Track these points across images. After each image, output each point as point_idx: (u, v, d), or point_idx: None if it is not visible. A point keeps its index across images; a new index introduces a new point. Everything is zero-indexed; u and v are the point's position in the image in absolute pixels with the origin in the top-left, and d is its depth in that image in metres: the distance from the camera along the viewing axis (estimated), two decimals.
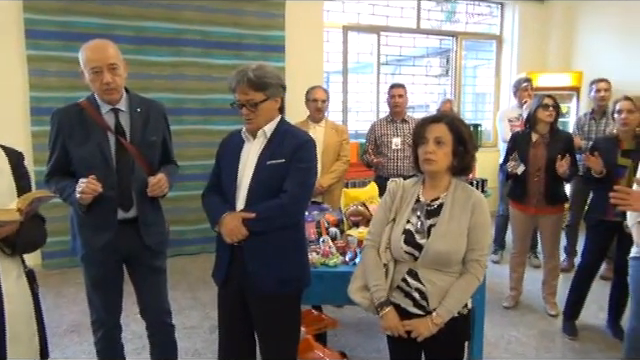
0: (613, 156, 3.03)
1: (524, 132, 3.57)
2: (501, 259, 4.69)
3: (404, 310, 1.78)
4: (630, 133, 3.01)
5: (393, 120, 4.06)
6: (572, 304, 3.31)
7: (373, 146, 4.05)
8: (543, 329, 3.37)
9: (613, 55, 5.84)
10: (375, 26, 5.97)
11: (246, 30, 4.92)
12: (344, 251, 2.53)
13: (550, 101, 3.38)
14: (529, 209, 3.51)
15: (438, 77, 6.78)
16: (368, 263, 1.88)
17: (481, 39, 6.79)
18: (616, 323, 3.25)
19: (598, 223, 3.14)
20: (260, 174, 1.90)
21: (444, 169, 1.79)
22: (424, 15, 6.30)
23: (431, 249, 1.73)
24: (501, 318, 3.52)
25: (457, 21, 6.71)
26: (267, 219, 1.86)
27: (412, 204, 1.84)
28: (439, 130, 1.77)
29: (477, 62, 7.09)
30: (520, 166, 3.41)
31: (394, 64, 6.50)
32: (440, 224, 1.75)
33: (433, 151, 1.76)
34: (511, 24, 6.62)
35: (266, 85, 1.89)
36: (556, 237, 3.59)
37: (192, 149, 4.70)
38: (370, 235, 1.94)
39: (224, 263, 1.98)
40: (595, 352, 3.05)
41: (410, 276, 1.77)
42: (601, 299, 3.42)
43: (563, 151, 3.31)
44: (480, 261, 1.75)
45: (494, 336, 3.25)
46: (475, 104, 7.07)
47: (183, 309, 3.61)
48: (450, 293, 1.73)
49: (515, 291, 3.74)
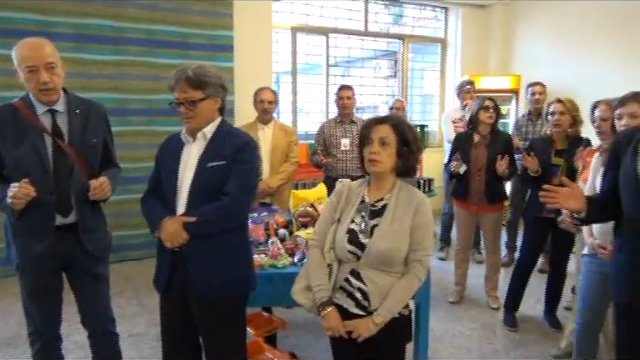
0: (547, 156, 3.20)
1: (466, 133, 3.70)
2: (447, 256, 4.84)
3: (346, 311, 1.79)
4: (562, 134, 3.18)
5: (342, 121, 4.11)
6: (512, 297, 3.46)
7: (322, 147, 4.08)
8: (486, 322, 3.51)
9: (548, 60, 6.16)
10: (324, 28, 6.02)
11: (192, 29, 4.83)
12: (293, 252, 2.53)
13: (490, 103, 3.53)
14: (471, 207, 3.65)
15: (387, 79, 6.91)
16: (312, 263, 1.89)
17: (427, 42, 6.98)
18: (552, 314, 3.44)
19: (534, 220, 3.30)
20: (201, 177, 1.88)
21: (388, 170, 1.82)
22: (372, 18, 6.41)
23: (373, 248, 1.75)
24: (446, 313, 3.64)
25: (404, 24, 6.86)
26: (208, 222, 1.84)
27: (357, 204, 1.87)
28: (384, 131, 1.80)
29: (424, 64, 7.28)
30: (462, 166, 3.54)
31: (343, 65, 6.58)
32: (383, 224, 1.78)
33: (378, 152, 1.79)
34: (455, 28, 6.85)
35: (205, 84, 1.87)
36: (497, 234, 3.74)
37: (137, 151, 4.57)
38: (315, 235, 1.96)
39: (165, 268, 1.94)
40: (532, 342, 3.21)
41: (353, 276, 1.79)
42: (539, 291, 3.59)
43: (502, 151, 3.46)
44: (422, 261, 1.79)
45: (440, 330, 3.35)
46: (423, 105, 7.26)
47: (129, 316, 3.50)
48: (391, 293, 1.75)
49: (459, 286, 3.88)
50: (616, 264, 1.92)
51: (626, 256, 1.82)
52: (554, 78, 5.57)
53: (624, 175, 1.83)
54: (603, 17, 5.51)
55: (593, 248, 2.42)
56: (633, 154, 1.80)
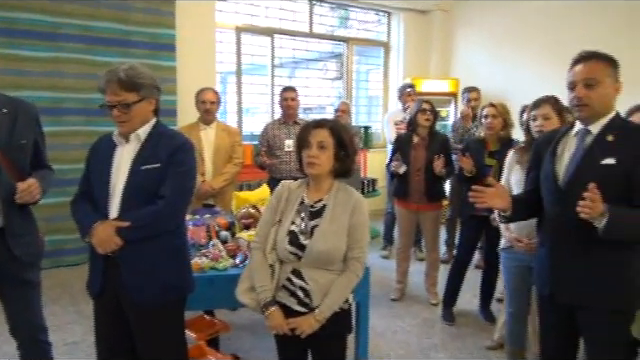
0: (481, 157, 3.35)
1: (406, 134, 3.83)
2: (390, 254, 4.96)
3: (289, 309, 1.84)
4: (494, 136, 3.35)
5: (286, 122, 4.13)
6: (449, 293, 3.61)
7: (266, 148, 4.08)
8: (425, 317, 3.64)
9: (484, 65, 6.46)
10: (269, 28, 6.02)
11: (133, 27, 4.69)
12: (235, 254, 2.52)
13: (428, 106, 3.66)
14: (411, 206, 3.77)
15: (333, 80, 6.99)
16: (254, 265, 1.92)
17: (371, 45, 7.12)
18: (486, 308, 3.61)
19: (470, 218, 3.45)
20: (134, 180, 1.84)
21: (327, 172, 1.88)
22: (317, 20, 6.47)
23: (314, 249, 1.80)
24: (388, 310, 3.74)
25: (349, 27, 6.97)
26: (143, 227, 1.81)
27: (297, 206, 1.91)
28: (322, 135, 1.85)
29: (368, 67, 7.43)
30: (402, 166, 3.66)
31: (289, 67, 6.60)
32: (322, 225, 1.84)
33: (316, 155, 1.84)
34: (397, 32, 7.03)
35: (139, 85, 1.83)
36: (436, 231, 3.89)
37: (73, 151, 4.38)
38: (257, 237, 1.98)
39: (98, 274, 1.89)
40: (469, 335, 3.36)
41: (294, 275, 1.84)
42: (475, 287, 3.75)
43: (440, 152, 3.60)
44: (359, 259, 1.86)
45: (381, 327, 3.44)
46: (368, 107, 7.39)
47: (65, 324, 3.37)
48: (332, 290, 1.82)
49: (401, 284, 3.99)
50: (538, 258, 2.05)
51: (547, 251, 1.95)
52: (489, 82, 5.86)
53: (544, 175, 1.96)
54: (534, 25, 5.84)
55: (510, 241, 2.58)
56: (552, 155, 1.93)
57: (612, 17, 4.99)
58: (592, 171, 1.75)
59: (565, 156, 1.89)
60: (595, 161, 1.77)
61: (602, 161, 1.75)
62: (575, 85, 1.83)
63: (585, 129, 1.84)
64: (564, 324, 1.96)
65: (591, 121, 1.83)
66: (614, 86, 1.81)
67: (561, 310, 1.93)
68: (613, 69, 1.81)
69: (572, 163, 1.84)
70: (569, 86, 1.87)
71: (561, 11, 5.51)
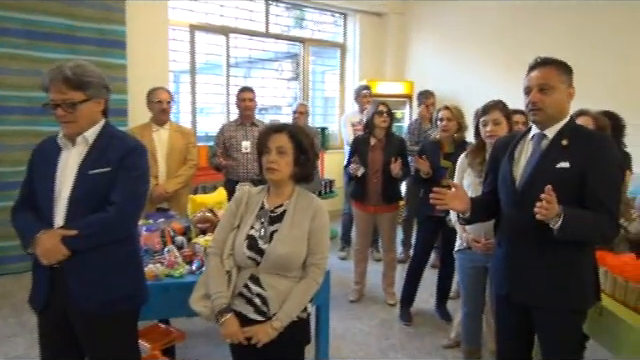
0: (436, 159, 3.41)
1: (363, 136, 3.84)
2: (348, 255, 4.98)
3: (245, 317, 1.78)
4: (449, 138, 3.41)
5: (242, 123, 4.06)
6: (407, 293, 3.65)
7: (222, 149, 4.00)
8: (383, 318, 3.66)
9: (437, 68, 6.59)
10: (224, 27, 5.90)
11: (81, 22, 4.46)
12: (191, 260, 2.44)
13: (384, 108, 3.69)
14: (369, 208, 3.79)
15: (288, 80, 6.95)
16: (210, 271, 1.86)
17: (327, 46, 7.13)
18: (443, 307, 3.68)
19: (426, 219, 3.50)
20: (81, 185, 1.73)
21: (287, 177, 1.84)
22: (273, 20, 6.41)
23: (272, 253, 1.76)
24: (347, 312, 3.74)
25: (305, 27, 6.95)
26: (91, 236, 1.70)
27: (256, 211, 1.87)
28: (281, 140, 1.81)
29: (324, 68, 7.43)
30: (360, 168, 3.67)
31: (244, 66, 6.50)
32: (282, 230, 1.80)
33: (275, 160, 1.80)
34: (353, 34, 7.07)
35: (86, 84, 1.73)
36: (393, 232, 3.92)
37: (16, 153, 4.14)
38: (214, 242, 1.92)
39: (42, 287, 1.77)
40: (426, 335, 3.40)
41: (252, 282, 1.79)
42: (431, 286, 3.80)
43: (396, 154, 3.63)
44: (319, 265, 1.83)
45: (341, 329, 3.43)
46: (325, 108, 7.40)
47: (7, 337, 3.17)
48: (290, 298, 1.77)
49: (359, 285, 4.00)
50: (495, 259, 2.09)
51: (504, 252, 1.99)
52: (442, 85, 5.99)
53: (502, 177, 2.01)
54: (486, 30, 6.00)
55: (467, 242, 2.64)
56: (509, 158, 1.98)
57: (562, 23, 5.19)
58: (548, 174, 1.80)
59: (522, 159, 1.94)
60: (551, 164, 1.82)
61: (557, 164, 1.80)
62: (530, 90, 1.88)
63: (541, 133, 1.89)
64: (519, 323, 2.01)
65: (546, 125, 1.88)
66: (568, 91, 1.87)
67: (517, 309, 1.98)
68: (567, 75, 1.87)
69: (529, 166, 1.89)
70: (525, 91, 1.92)
71: (513, 17, 5.69)
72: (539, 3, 5.35)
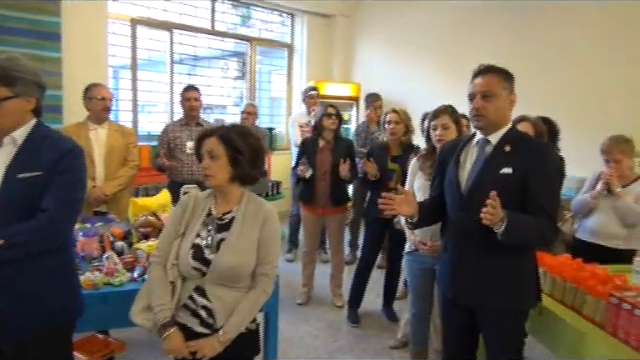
0: (384, 161, 3.45)
1: (312, 138, 3.82)
2: (295, 257, 4.95)
3: (190, 330, 1.70)
4: (397, 141, 3.46)
5: (187, 123, 3.93)
6: (355, 294, 3.67)
7: (166, 150, 3.85)
8: (331, 320, 3.66)
9: (384, 71, 6.69)
10: (167, 22, 5.70)
11: (11, 11, 4.15)
12: (132, 267, 2.31)
13: (333, 110, 3.69)
14: (317, 209, 3.78)
15: (235, 79, 6.83)
16: (152, 281, 1.76)
17: (274, 46, 7.06)
18: (389, 308, 3.72)
19: (374, 220, 3.53)
20: (9, 190, 1.57)
21: (225, 182, 1.76)
22: (219, 17, 6.27)
23: (219, 264, 1.69)
24: (295, 314, 3.71)
25: (252, 26, 6.85)
26: (20, 245, 1.54)
27: (203, 217, 1.79)
28: (210, 144, 1.74)
29: (272, 67, 7.36)
30: (309, 170, 3.65)
31: (189, 63, 6.31)
32: (230, 238, 1.73)
33: (208, 166, 1.73)
34: (300, 35, 7.04)
35: (14, 80, 1.58)
36: (341, 234, 3.93)
37: None
38: (157, 250, 1.83)
39: None
40: (373, 336, 3.43)
41: (197, 293, 1.71)
42: (378, 287, 3.84)
43: (345, 156, 3.64)
44: (269, 274, 1.77)
45: (289, 333, 3.40)
46: (271, 108, 7.32)
47: None
48: (238, 309, 1.71)
49: (307, 287, 3.98)
50: (442, 262, 2.13)
51: (450, 255, 2.03)
52: (388, 88, 6.08)
53: (448, 182, 2.04)
54: (431, 35, 6.15)
55: (415, 245, 2.68)
56: (455, 163, 2.02)
57: (506, 26, 5.40)
58: (492, 179, 1.85)
59: (467, 164, 1.98)
60: (494, 170, 1.87)
61: (500, 170, 1.86)
62: (474, 97, 1.92)
63: (485, 139, 1.94)
64: (465, 324, 2.06)
65: (489, 131, 1.93)
66: (509, 98, 1.93)
67: (462, 311, 2.03)
68: (508, 82, 1.92)
69: (474, 171, 1.93)
70: (469, 97, 1.96)
71: (459, 21, 5.85)
72: (485, 7, 5.55)
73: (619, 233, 2.92)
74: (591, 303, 2.00)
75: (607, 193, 2.93)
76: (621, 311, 1.82)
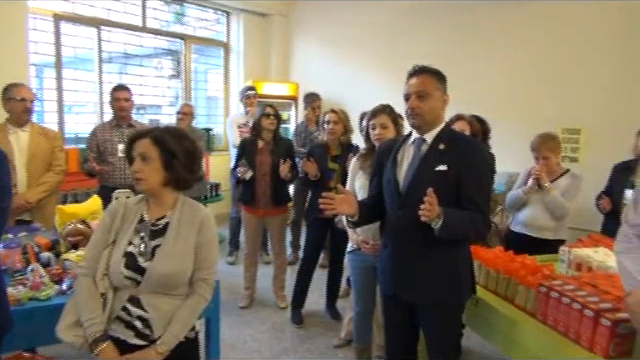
0: (324, 161, 3.46)
1: (251, 139, 3.77)
2: (236, 260, 4.86)
3: (125, 343, 1.62)
4: (336, 141, 3.48)
5: (118, 125, 3.75)
6: (297, 294, 3.65)
7: (95, 153, 3.66)
8: (275, 322, 3.63)
9: (322, 71, 6.72)
10: (94, 19, 5.41)
11: None
12: (60, 279, 2.17)
13: (271, 110, 3.65)
14: (258, 211, 3.73)
15: (169, 78, 6.61)
16: (81, 294, 1.65)
17: (209, 45, 6.91)
18: (332, 306, 3.74)
19: (315, 220, 3.53)
20: None
21: (157, 186, 1.69)
22: (150, 14, 6.03)
23: (155, 272, 1.62)
24: (237, 318, 3.64)
25: (186, 24, 6.66)
26: None
27: (135, 224, 1.70)
28: (143, 146, 1.67)
29: (208, 66, 7.19)
30: (249, 172, 3.59)
31: (119, 62, 6.04)
32: (165, 244, 1.66)
33: (139, 169, 1.66)
34: (237, 33, 6.92)
35: None
36: (283, 235, 3.90)
37: None
38: (85, 261, 1.73)
39: None
40: (318, 336, 3.43)
41: (131, 304, 1.63)
42: (321, 286, 3.85)
43: (285, 156, 3.62)
44: (208, 280, 1.72)
45: (231, 338, 3.33)
46: (208, 108, 7.16)
47: None
48: (176, 318, 1.65)
49: (249, 290, 3.92)
50: (382, 260, 2.16)
51: (389, 252, 2.06)
52: (327, 88, 6.11)
53: (386, 181, 2.07)
54: (368, 34, 6.25)
55: (357, 244, 2.71)
56: (393, 162, 2.05)
57: (438, 32, 5.59)
58: (428, 177, 1.90)
59: (404, 163, 2.02)
60: (430, 168, 1.92)
61: (436, 168, 1.91)
62: (409, 97, 1.96)
63: (421, 138, 1.99)
64: (406, 319, 2.10)
65: (425, 130, 1.98)
66: (443, 98, 1.99)
67: (403, 307, 2.07)
68: (442, 83, 1.98)
69: (410, 170, 1.98)
70: (405, 97, 2.00)
71: (395, 21, 5.98)
72: (420, 7, 5.70)
73: (548, 225, 3.09)
74: (522, 293, 2.10)
75: (537, 188, 3.09)
76: (550, 299, 1.92)
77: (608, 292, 1.86)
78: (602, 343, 1.69)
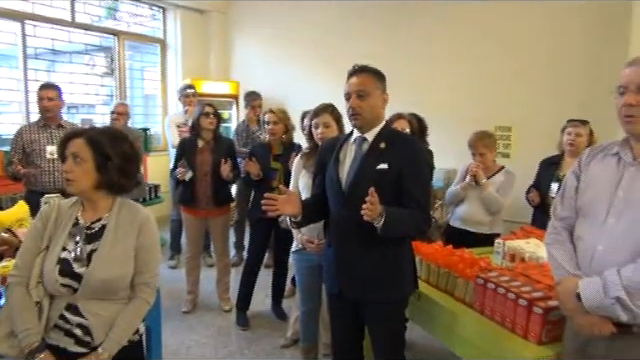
0: (266, 161, 3.42)
1: (190, 139, 3.67)
2: (178, 263, 4.73)
3: (65, 351, 1.55)
4: (278, 140, 3.45)
5: (46, 125, 3.53)
6: (243, 296, 3.59)
7: (21, 155, 3.43)
8: (220, 326, 3.55)
9: (262, 69, 6.65)
10: (17, 12, 5.07)
11: None
12: None
13: (210, 109, 3.57)
14: (200, 213, 3.64)
15: (102, 76, 6.31)
16: (14, 304, 1.56)
17: (145, 41, 6.66)
18: (278, 306, 3.72)
19: (258, 220, 3.48)
20: None
21: (88, 188, 1.61)
22: (80, 8, 5.73)
23: (93, 278, 1.55)
24: (180, 324, 3.54)
25: (120, 19, 6.38)
26: None
27: (69, 228, 1.62)
28: (76, 146, 1.59)
29: (144, 64, 6.93)
30: (188, 172, 3.50)
31: (47, 59, 5.69)
32: (102, 249, 1.59)
33: (70, 170, 1.58)
34: (174, 30, 6.72)
35: None
36: (225, 236, 3.83)
37: None
38: (16, 270, 1.62)
39: None
40: (265, 337, 3.39)
41: (69, 311, 1.56)
42: (266, 286, 3.81)
43: (226, 156, 3.55)
44: (150, 283, 1.67)
45: (174, 344, 3.23)
46: (145, 107, 6.91)
47: None
48: (117, 323, 1.59)
49: (192, 294, 3.82)
50: (326, 258, 2.16)
51: (334, 251, 2.07)
52: (268, 86, 6.06)
53: (329, 180, 2.08)
54: (307, 32, 6.26)
55: (302, 243, 2.70)
56: (335, 161, 2.06)
57: (377, 31, 5.68)
58: (369, 175, 1.92)
59: (347, 162, 2.03)
60: (371, 166, 1.94)
61: (377, 166, 1.93)
62: (350, 96, 1.98)
63: (362, 137, 2.01)
64: (351, 316, 2.12)
65: (365, 129, 2.00)
66: (382, 97, 2.02)
67: (348, 305, 2.09)
68: (381, 82, 2.01)
69: (352, 168, 1.99)
70: (345, 97, 2.01)
71: (334, 19, 6.02)
72: (359, 7, 5.77)
73: (484, 220, 3.22)
74: (461, 285, 2.17)
75: (474, 184, 3.21)
76: (487, 291, 2.00)
77: (540, 281, 1.97)
78: (535, 330, 1.79)
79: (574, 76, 4.62)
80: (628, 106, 1.46)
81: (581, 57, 4.61)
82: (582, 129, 3.24)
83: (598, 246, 1.51)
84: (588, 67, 4.53)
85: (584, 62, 4.59)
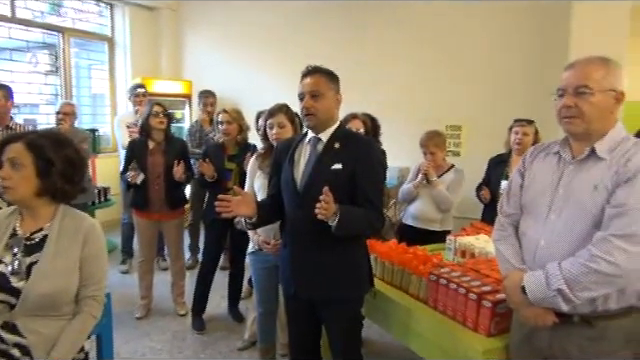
0: (221, 161, 3.38)
1: (141, 140, 3.57)
2: (130, 268, 4.59)
3: None
4: (232, 141, 3.41)
5: None
6: (198, 299, 3.53)
7: None
8: (175, 330, 3.48)
9: (216, 68, 6.54)
10: None
11: None
12: None
13: (160, 109, 3.48)
14: (153, 216, 3.55)
15: (46, 75, 6.03)
16: None
17: (92, 39, 6.42)
18: (235, 308, 3.68)
19: (213, 222, 3.44)
20: None
21: (28, 195, 1.53)
22: (20, 3, 5.45)
23: (32, 293, 1.47)
24: (134, 330, 3.44)
25: (65, 15, 6.11)
26: None
27: (6, 239, 1.53)
28: (15, 150, 1.51)
29: (91, 62, 6.67)
30: (140, 175, 3.41)
31: None
32: (44, 261, 1.51)
33: (7, 176, 1.49)
34: (122, 27, 6.51)
35: None
36: (180, 239, 3.76)
37: None
38: None
39: None
40: (221, 340, 3.35)
41: (6, 330, 1.47)
42: (222, 289, 3.75)
43: (179, 157, 3.47)
44: (96, 297, 1.60)
45: (128, 352, 3.14)
46: (93, 107, 6.65)
47: None
48: (60, 340, 1.51)
49: (146, 299, 3.72)
50: (282, 259, 2.16)
51: (289, 251, 2.07)
52: (222, 85, 5.98)
53: (284, 180, 2.08)
54: (259, 31, 6.21)
55: (258, 244, 2.69)
56: (290, 161, 2.06)
57: (331, 32, 5.70)
58: (324, 175, 1.93)
59: (301, 162, 2.04)
60: (326, 166, 1.95)
61: (332, 166, 1.94)
62: (304, 96, 1.98)
63: (316, 137, 2.02)
64: (308, 316, 2.13)
65: (320, 130, 2.01)
66: (336, 97, 2.03)
67: (305, 305, 2.10)
68: (334, 83, 2.02)
69: (307, 169, 2.00)
70: (299, 97, 2.02)
71: (287, 18, 6.01)
72: (312, 8, 5.78)
73: (435, 217, 3.31)
74: (415, 282, 2.23)
75: (425, 182, 3.29)
76: (439, 287, 2.06)
77: (489, 275, 2.04)
78: (485, 323, 1.85)
79: (516, 77, 4.81)
80: (566, 107, 1.54)
81: (522, 58, 4.78)
82: (528, 128, 3.37)
83: (541, 241, 1.59)
84: (529, 68, 4.72)
85: (525, 63, 4.76)
